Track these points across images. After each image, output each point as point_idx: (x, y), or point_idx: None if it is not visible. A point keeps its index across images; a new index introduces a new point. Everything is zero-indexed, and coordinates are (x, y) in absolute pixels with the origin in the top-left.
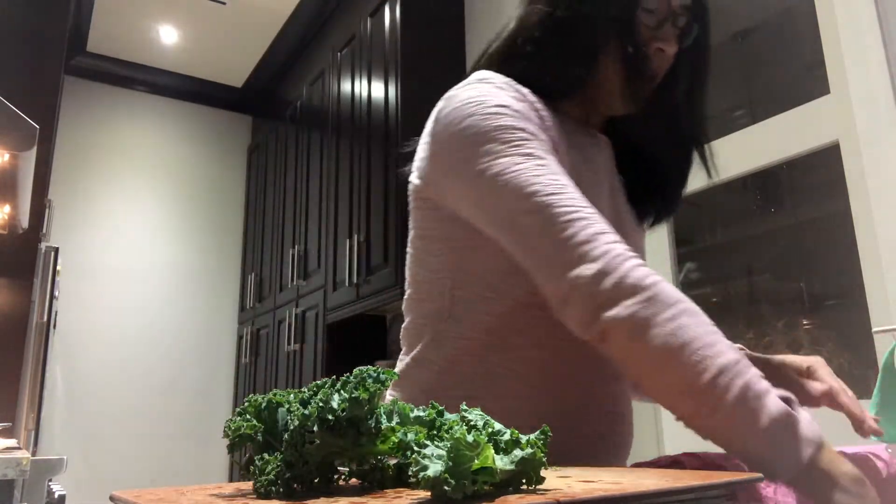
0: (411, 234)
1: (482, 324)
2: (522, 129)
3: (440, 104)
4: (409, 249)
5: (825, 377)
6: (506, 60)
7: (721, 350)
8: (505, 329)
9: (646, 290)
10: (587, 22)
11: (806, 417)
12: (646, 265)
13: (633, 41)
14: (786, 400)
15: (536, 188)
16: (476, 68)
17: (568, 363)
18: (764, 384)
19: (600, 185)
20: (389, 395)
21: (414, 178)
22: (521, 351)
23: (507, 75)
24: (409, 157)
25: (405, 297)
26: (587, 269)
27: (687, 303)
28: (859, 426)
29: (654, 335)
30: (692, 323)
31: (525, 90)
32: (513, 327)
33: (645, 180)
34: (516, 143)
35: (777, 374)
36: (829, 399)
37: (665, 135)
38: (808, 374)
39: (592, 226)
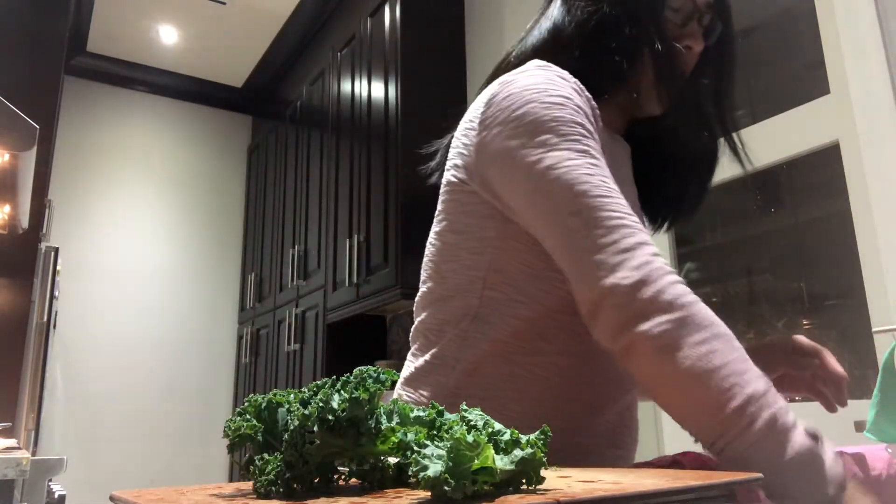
0: (440, 226)
1: (510, 327)
2: (581, 125)
3: (494, 89)
4: (434, 242)
5: (812, 346)
6: (550, 53)
7: (750, 379)
8: (532, 333)
9: (681, 308)
10: (631, 19)
11: (831, 456)
12: (683, 282)
13: (664, 40)
14: (813, 436)
15: (586, 188)
16: (506, 66)
17: (590, 368)
18: (791, 417)
19: (628, 192)
20: (407, 394)
21: (453, 168)
22: (547, 356)
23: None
24: (429, 157)
25: (423, 291)
26: (625, 279)
27: (720, 327)
28: (839, 394)
29: (684, 357)
30: (724, 349)
31: (581, 85)
32: (540, 332)
33: (663, 186)
34: (574, 137)
35: (767, 360)
36: (822, 364)
37: (691, 133)
38: (797, 350)
39: (636, 235)
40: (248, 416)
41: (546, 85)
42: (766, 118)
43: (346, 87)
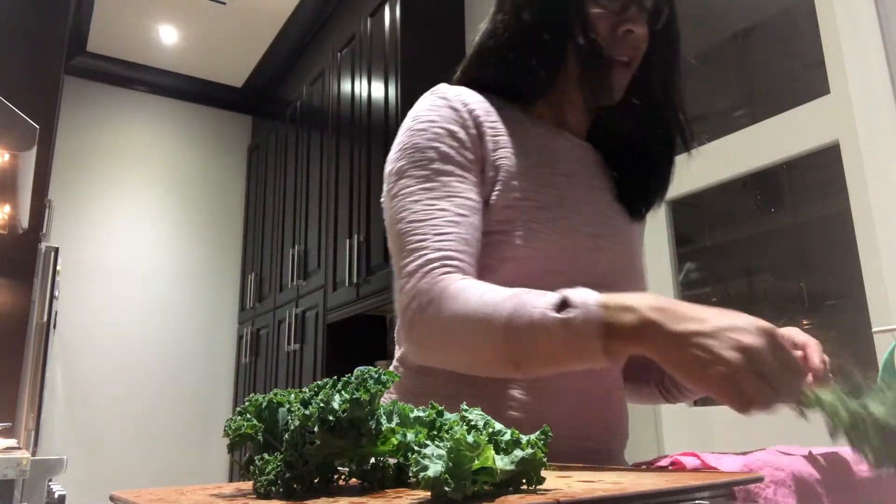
0: None
1: None
2: (434, 150)
3: None
4: None
5: (802, 339)
6: (475, 69)
7: (497, 301)
8: None
9: (437, 301)
10: (549, 21)
11: (582, 311)
12: (452, 274)
13: (588, 31)
14: (561, 305)
15: (404, 214)
16: (453, 80)
17: None
18: (538, 307)
19: (573, 187)
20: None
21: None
22: None
23: (477, 83)
24: None
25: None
26: (401, 301)
27: (470, 290)
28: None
29: (449, 321)
30: (471, 300)
31: (473, 101)
32: None
33: (632, 175)
34: (420, 163)
35: None
36: (804, 357)
37: (647, 121)
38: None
39: (426, 255)
40: (248, 416)
41: (421, 111)
42: (766, 118)
43: (346, 87)
